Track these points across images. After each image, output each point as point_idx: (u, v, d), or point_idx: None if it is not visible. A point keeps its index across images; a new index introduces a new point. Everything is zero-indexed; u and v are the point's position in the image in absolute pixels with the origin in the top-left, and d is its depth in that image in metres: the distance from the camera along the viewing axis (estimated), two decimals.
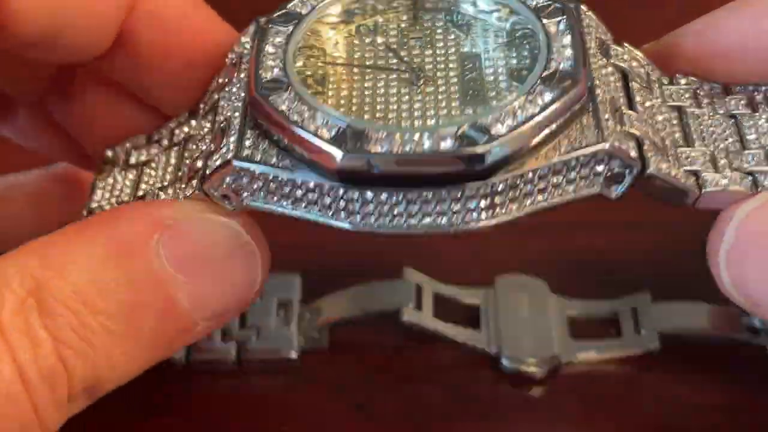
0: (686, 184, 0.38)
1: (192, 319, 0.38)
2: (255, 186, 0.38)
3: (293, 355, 0.48)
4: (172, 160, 0.43)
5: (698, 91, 0.42)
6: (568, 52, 0.38)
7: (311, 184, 0.37)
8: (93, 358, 0.36)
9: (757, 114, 0.41)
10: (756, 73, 0.41)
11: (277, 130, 0.38)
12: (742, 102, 0.41)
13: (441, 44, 0.42)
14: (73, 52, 0.43)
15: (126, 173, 0.45)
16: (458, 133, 0.35)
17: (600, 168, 0.36)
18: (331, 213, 0.37)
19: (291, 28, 0.41)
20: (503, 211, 0.36)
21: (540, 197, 0.36)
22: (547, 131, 0.36)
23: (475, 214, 0.36)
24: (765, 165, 0.39)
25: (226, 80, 0.42)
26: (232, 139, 0.39)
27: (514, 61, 0.40)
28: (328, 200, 0.37)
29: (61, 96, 0.49)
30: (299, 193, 0.38)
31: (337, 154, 0.36)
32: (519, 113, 0.36)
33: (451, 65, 0.41)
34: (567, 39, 0.38)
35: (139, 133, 0.46)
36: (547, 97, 0.37)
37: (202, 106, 0.44)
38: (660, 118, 0.40)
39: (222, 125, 0.40)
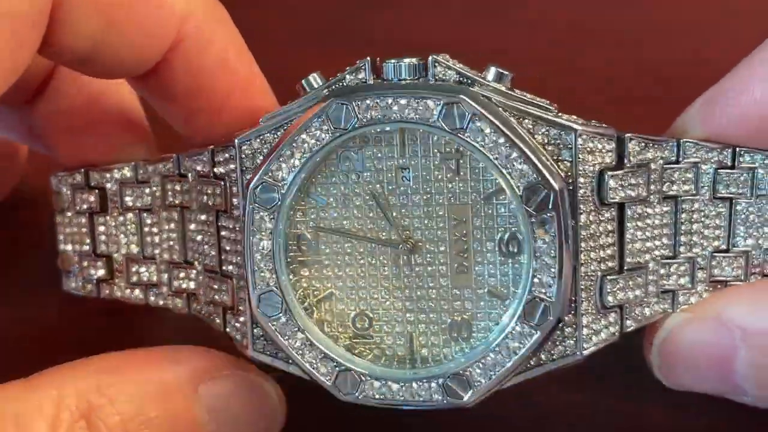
0: None
1: None
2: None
3: None
4: (174, 232, 0.46)
5: None
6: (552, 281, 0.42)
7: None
8: None
9: None
10: None
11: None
12: None
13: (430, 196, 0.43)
14: (114, 70, 0.45)
15: (124, 216, 0.47)
16: (444, 384, 0.41)
17: None
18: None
19: (275, 212, 0.43)
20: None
21: None
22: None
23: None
24: None
25: (233, 185, 0.44)
26: (247, 328, 0.44)
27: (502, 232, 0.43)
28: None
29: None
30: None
31: (339, 396, 0.42)
32: (500, 364, 0.41)
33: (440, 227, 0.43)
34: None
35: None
36: (530, 337, 0.41)
37: (201, 168, 0.45)
38: None
39: (234, 281, 0.44)
